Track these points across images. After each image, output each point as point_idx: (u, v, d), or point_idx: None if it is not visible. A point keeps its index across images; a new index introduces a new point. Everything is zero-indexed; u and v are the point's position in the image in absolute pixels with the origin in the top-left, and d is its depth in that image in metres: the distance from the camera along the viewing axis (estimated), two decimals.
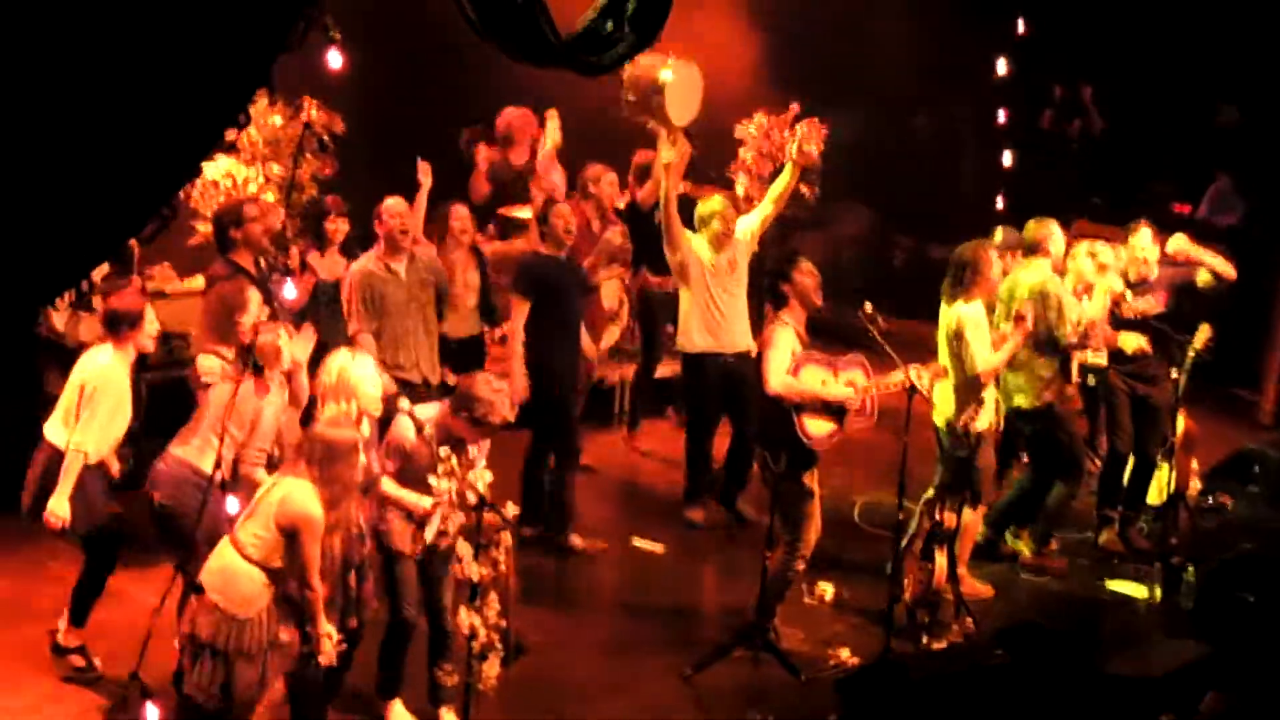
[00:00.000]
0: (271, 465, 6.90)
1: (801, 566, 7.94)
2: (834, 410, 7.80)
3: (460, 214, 9.34)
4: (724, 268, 9.28)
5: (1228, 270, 9.49)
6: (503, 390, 6.87)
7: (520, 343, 8.84)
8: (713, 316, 9.31)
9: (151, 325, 7.17)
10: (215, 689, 5.98)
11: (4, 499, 7.35)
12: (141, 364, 7.64)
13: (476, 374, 7.00)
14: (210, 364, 7.05)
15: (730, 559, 9.14)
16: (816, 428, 7.78)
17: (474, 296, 9.40)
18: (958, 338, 8.36)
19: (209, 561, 6.14)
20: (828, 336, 9.10)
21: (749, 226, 9.43)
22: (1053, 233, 9.14)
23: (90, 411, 6.99)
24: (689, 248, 9.28)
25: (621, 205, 10.39)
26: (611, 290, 10.36)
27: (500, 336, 9.55)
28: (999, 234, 9.57)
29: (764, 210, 9.51)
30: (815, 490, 7.86)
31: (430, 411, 6.82)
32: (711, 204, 9.41)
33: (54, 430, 7.11)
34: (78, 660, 7.23)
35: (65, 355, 8.49)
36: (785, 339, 7.80)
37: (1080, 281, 9.20)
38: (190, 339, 8.79)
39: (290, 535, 6.01)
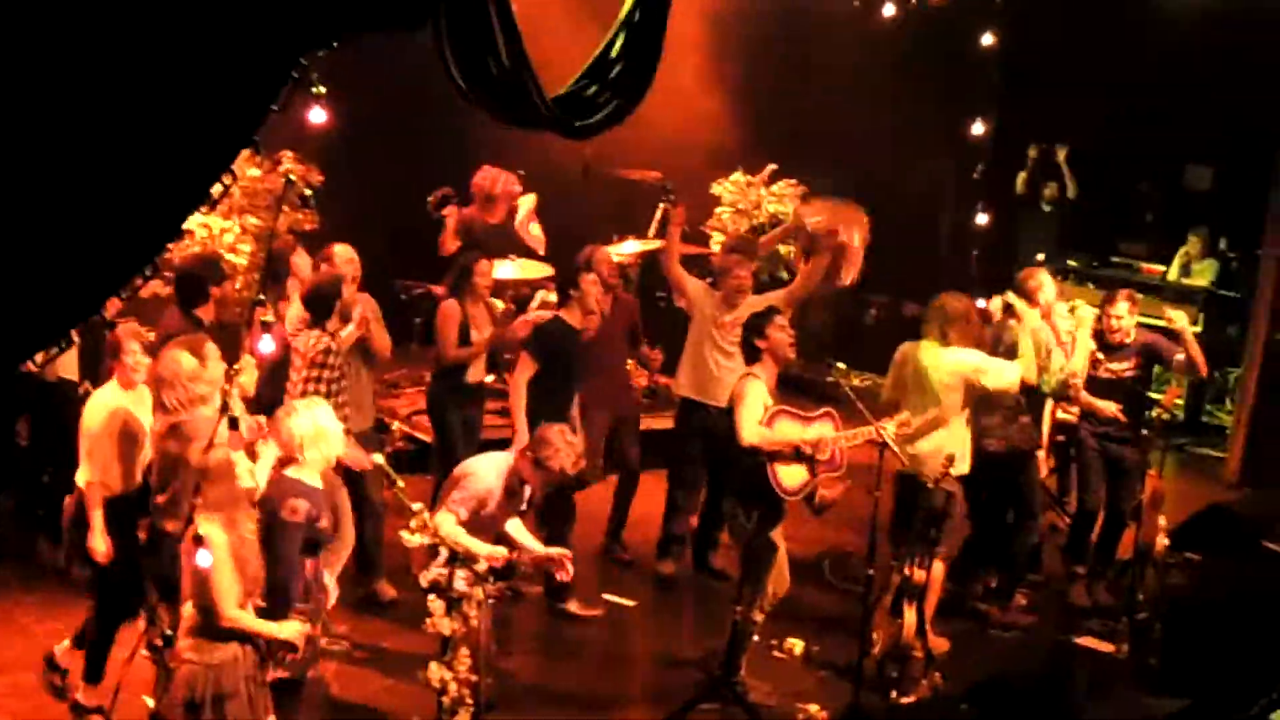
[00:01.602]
0: None
1: (760, 617, 7.95)
2: (806, 457, 7.85)
3: (483, 269, 9.23)
4: (731, 326, 9.22)
5: (1201, 364, 9.49)
6: (574, 444, 7.38)
7: (522, 400, 8.84)
8: (706, 368, 9.36)
9: (130, 357, 7.04)
10: None
11: None
12: None
13: (552, 425, 7.46)
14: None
15: (701, 613, 9.16)
16: (789, 476, 7.78)
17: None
18: (965, 383, 8.40)
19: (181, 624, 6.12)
20: (800, 393, 9.14)
21: (774, 300, 9.32)
22: (1044, 283, 9.22)
23: (89, 446, 6.95)
24: (694, 294, 9.51)
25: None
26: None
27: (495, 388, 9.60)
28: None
29: (793, 290, 9.62)
30: (780, 544, 7.91)
31: (500, 460, 7.38)
32: (733, 258, 9.55)
33: (79, 474, 7.06)
34: None
35: (41, 392, 8.48)
36: (756, 391, 7.85)
37: (1058, 336, 9.27)
38: None
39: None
